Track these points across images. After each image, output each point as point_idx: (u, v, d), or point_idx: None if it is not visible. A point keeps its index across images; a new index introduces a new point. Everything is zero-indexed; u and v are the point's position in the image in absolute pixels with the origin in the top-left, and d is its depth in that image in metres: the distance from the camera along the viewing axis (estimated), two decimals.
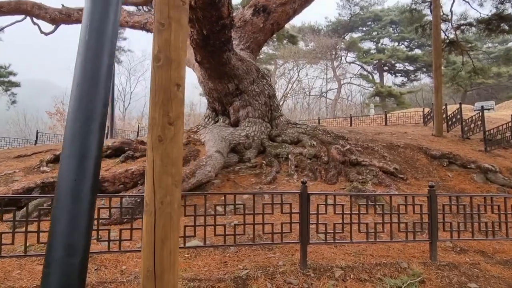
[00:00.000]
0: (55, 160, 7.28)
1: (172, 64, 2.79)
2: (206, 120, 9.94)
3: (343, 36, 49.62)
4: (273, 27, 10.17)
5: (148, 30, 11.83)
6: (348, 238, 4.22)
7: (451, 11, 17.48)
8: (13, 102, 22.76)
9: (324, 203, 4.11)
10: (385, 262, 4.26)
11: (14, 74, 22.46)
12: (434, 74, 12.62)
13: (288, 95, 36.76)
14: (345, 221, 4.16)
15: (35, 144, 17.43)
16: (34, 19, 13.58)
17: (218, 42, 7.77)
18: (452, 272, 4.16)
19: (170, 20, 2.81)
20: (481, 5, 16.96)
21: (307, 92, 46.96)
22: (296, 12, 10.49)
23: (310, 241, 4.05)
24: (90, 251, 1.88)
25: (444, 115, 13.65)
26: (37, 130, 19.55)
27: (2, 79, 21.61)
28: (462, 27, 17.10)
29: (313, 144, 8.94)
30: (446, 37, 17.26)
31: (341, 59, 50.02)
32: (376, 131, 11.84)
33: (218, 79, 8.98)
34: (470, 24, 16.81)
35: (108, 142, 8.06)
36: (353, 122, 18.90)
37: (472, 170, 7.97)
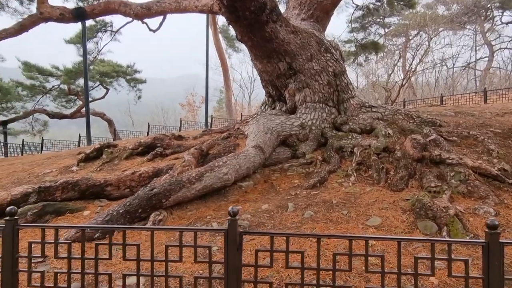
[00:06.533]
0: (86, 159, 7.06)
1: None
2: (262, 107, 8.58)
3: None
4: None
5: (215, 12, 10.97)
6: None
7: None
8: (139, 97, 25.19)
9: (267, 249, 2.44)
10: None
11: (139, 72, 24.81)
12: None
13: (417, 69, 31.74)
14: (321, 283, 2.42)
15: (147, 135, 18.77)
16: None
17: (248, 12, 6.31)
18: None
19: None
20: None
21: (449, 65, 40.18)
22: None
23: None
24: None
25: None
26: (148, 123, 21.13)
27: (128, 77, 24.05)
28: None
29: (388, 134, 6.75)
30: None
31: (493, 21, 40.96)
32: (503, 111, 8.53)
33: (266, 59, 7.50)
34: None
35: (142, 138, 7.50)
36: (489, 97, 14.59)
37: None
